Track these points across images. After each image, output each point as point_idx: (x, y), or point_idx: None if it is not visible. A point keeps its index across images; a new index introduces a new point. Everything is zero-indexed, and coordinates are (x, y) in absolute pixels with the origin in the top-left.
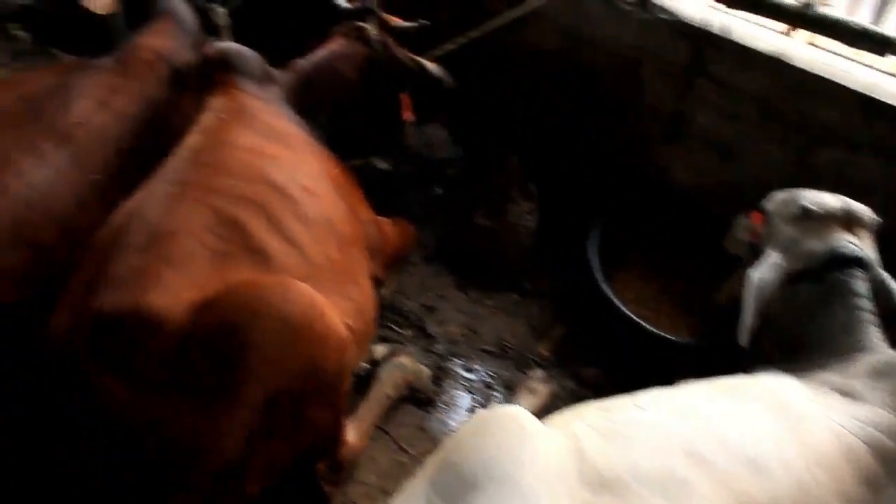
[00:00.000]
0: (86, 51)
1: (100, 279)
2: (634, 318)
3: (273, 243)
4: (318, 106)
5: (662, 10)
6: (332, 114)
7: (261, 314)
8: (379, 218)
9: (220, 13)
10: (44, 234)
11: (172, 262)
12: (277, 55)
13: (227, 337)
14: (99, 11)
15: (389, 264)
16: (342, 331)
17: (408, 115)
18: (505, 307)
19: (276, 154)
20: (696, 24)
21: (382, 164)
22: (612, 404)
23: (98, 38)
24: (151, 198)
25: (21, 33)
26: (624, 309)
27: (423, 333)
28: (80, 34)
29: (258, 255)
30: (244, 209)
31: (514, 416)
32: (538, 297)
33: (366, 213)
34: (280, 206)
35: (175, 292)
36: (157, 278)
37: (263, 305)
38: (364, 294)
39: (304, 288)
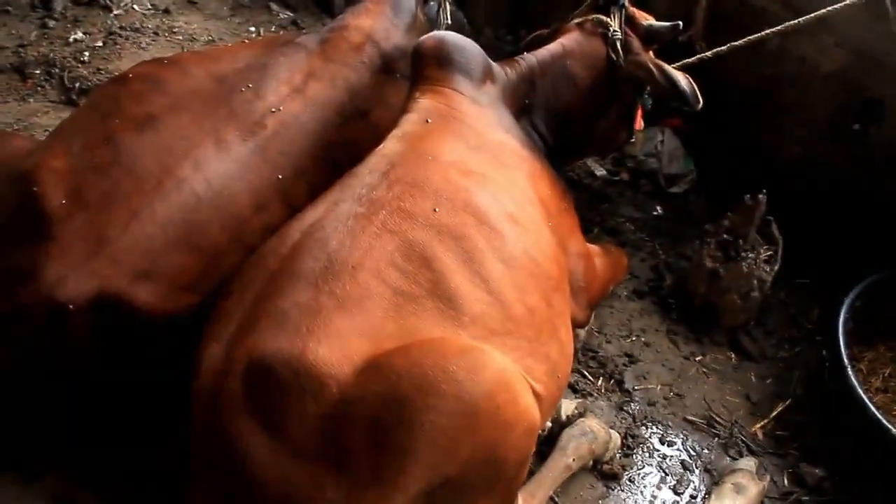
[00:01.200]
0: (304, 9)
1: (262, 312)
2: (883, 420)
3: (466, 288)
4: (540, 108)
5: None
6: (554, 118)
7: (438, 391)
8: (590, 247)
9: None
10: (216, 236)
11: (347, 304)
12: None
13: (394, 411)
14: None
15: (594, 305)
16: (534, 415)
17: (639, 125)
18: (719, 369)
19: (484, 173)
20: None
21: (599, 170)
22: None
23: (320, 1)
24: (334, 217)
25: None
26: (871, 407)
27: (618, 387)
28: None
29: (447, 301)
30: (438, 242)
31: None
32: (760, 363)
33: (576, 244)
34: (480, 240)
35: (345, 343)
36: (328, 324)
37: (444, 380)
38: (563, 351)
39: (499, 361)
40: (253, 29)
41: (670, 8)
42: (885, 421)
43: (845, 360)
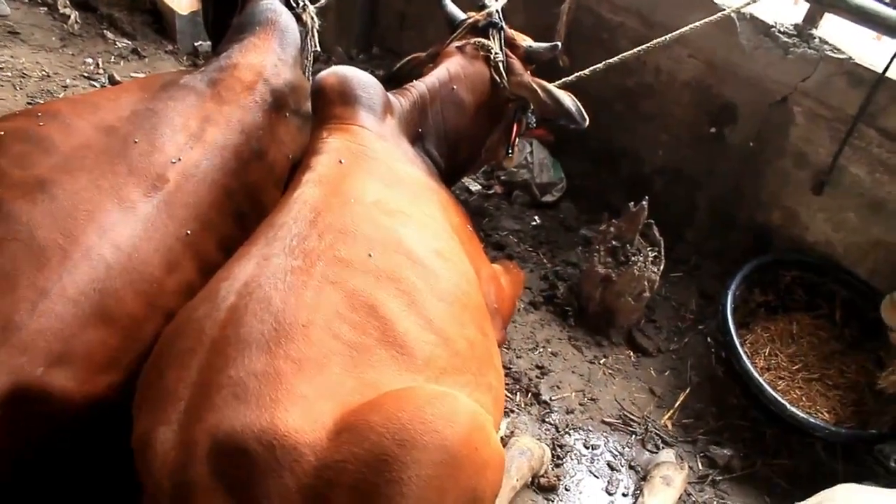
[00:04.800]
0: (143, 36)
1: (214, 386)
2: (780, 398)
3: (414, 331)
4: (431, 133)
5: (829, 45)
6: (445, 141)
7: (421, 444)
8: (494, 267)
9: (311, 13)
10: (130, 305)
11: (305, 366)
12: None
13: (379, 470)
14: (180, 11)
15: (507, 324)
16: (501, 449)
17: (514, 140)
18: (622, 368)
19: (405, 210)
20: (869, 67)
21: (474, 185)
22: None
23: (158, 27)
24: (270, 273)
25: (69, 11)
26: (767, 387)
27: (536, 400)
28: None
29: (399, 347)
30: (379, 288)
31: None
32: (656, 357)
33: (486, 267)
34: (416, 280)
35: (312, 407)
36: (290, 389)
37: (424, 432)
38: (500, 377)
39: (467, 403)
40: (90, 60)
41: (528, 21)
42: (781, 399)
43: (739, 348)
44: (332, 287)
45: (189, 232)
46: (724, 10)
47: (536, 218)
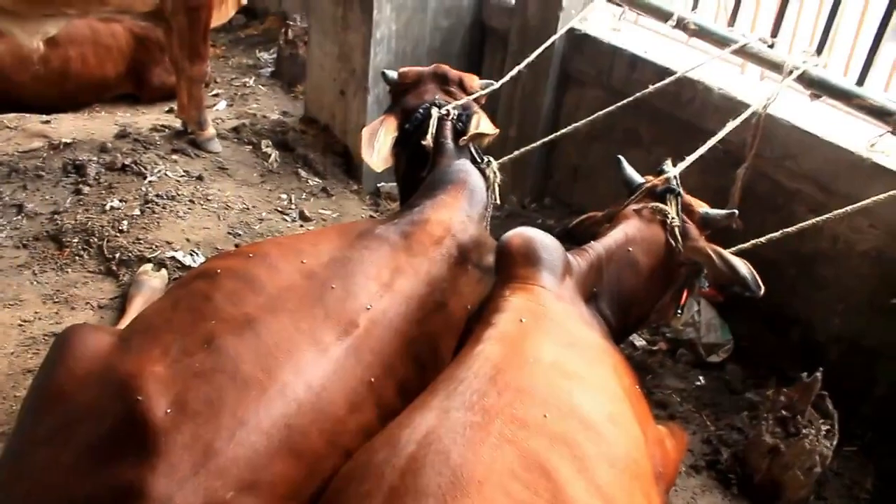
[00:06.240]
0: (333, 176)
1: None
2: None
3: (584, 497)
4: (605, 293)
5: None
6: (618, 302)
7: None
8: (659, 429)
9: (494, 168)
10: (315, 441)
11: None
12: None
13: None
14: (375, 168)
15: (670, 489)
16: None
17: (685, 301)
18: None
19: (580, 373)
20: None
21: (639, 340)
22: None
23: (346, 168)
24: (450, 427)
25: (271, 150)
26: None
27: None
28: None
29: None
30: (553, 451)
31: None
32: None
33: (653, 430)
34: (589, 445)
35: None
36: None
37: None
38: None
39: None
40: (284, 196)
41: (703, 182)
42: None
43: None
44: (509, 446)
45: (374, 379)
46: None
47: (701, 378)
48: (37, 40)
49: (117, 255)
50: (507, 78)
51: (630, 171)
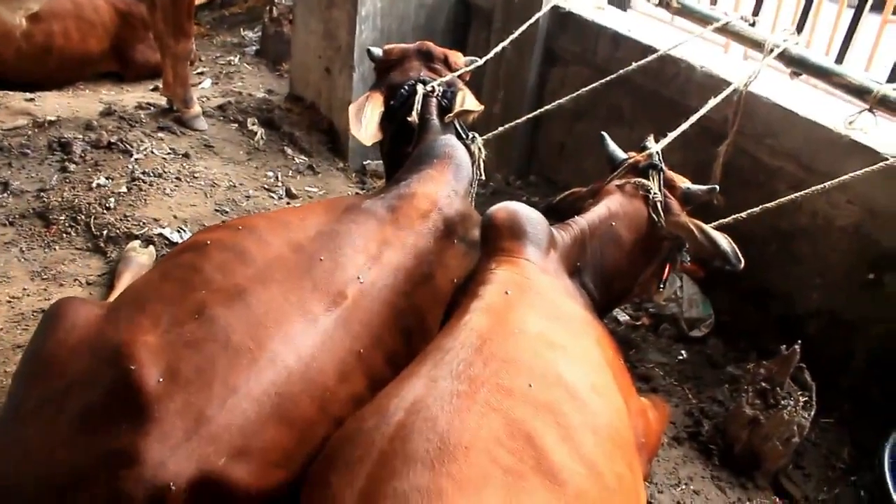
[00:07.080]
0: (318, 154)
1: (380, 495)
2: None
3: (567, 463)
4: (589, 268)
5: None
6: (601, 276)
7: None
8: (642, 401)
9: (479, 144)
10: (306, 409)
11: (465, 486)
12: None
13: None
14: (364, 142)
15: (652, 459)
16: None
17: (667, 275)
18: None
19: (564, 344)
20: None
21: (622, 316)
22: None
23: (332, 146)
24: (438, 395)
25: (257, 128)
26: None
27: None
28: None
29: (552, 477)
30: (538, 418)
31: None
32: None
33: (635, 402)
34: (573, 413)
35: None
36: None
37: None
38: None
39: None
40: (271, 173)
41: (685, 159)
42: None
43: None
44: (494, 413)
45: (362, 348)
46: (888, 159)
47: (683, 352)
48: (20, 16)
49: (105, 232)
50: (491, 55)
51: (613, 147)
